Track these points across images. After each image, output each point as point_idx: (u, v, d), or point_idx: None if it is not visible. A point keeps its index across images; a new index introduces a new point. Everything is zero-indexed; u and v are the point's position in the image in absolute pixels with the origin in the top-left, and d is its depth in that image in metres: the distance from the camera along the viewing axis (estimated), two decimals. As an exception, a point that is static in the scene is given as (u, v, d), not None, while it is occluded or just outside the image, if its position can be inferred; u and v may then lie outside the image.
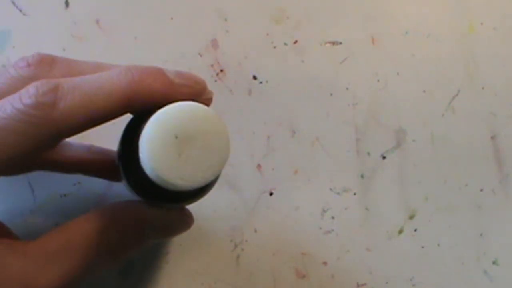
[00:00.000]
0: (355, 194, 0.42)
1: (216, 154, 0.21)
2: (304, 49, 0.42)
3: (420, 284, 0.41)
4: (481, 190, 0.42)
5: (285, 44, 0.42)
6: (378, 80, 0.42)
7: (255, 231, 0.41)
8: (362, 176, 0.42)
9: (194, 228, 0.33)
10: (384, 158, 0.42)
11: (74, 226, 0.28)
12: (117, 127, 0.28)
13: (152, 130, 0.21)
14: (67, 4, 0.42)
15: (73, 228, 0.27)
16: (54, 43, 0.42)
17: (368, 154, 0.42)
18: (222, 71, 0.42)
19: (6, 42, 0.42)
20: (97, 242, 0.27)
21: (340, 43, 0.42)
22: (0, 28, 0.42)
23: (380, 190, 0.42)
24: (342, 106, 0.42)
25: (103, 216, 0.28)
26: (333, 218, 0.41)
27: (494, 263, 0.41)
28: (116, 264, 0.29)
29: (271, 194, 0.41)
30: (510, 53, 0.43)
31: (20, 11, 0.42)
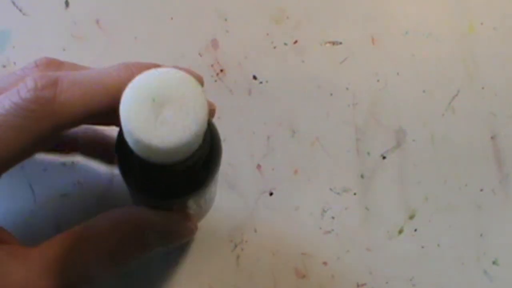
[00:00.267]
0: (355, 194, 0.42)
1: (192, 114, 0.22)
2: (304, 49, 0.42)
3: (420, 284, 0.41)
4: (481, 190, 0.42)
5: (285, 44, 0.42)
6: (378, 80, 0.42)
7: (255, 231, 0.41)
8: (362, 176, 0.42)
9: (194, 228, 0.33)
10: (384, 158, 0.42)
11: (75, 233, 0.27)
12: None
13: (129, 94, 0.22)
14: (67, 4, 0.42)
15: (73, 235, 0.27)
16: (54, 43, 0.42)
17: (368, 154, 0.42)
18: (222, 71, 0.42)
19: (6, 42, 0.42)
20: (97, 250, 0.27)
21: (340, 43, 0.42)
22: (0, 28, 0.42)
23: (380, 190, 0.42)
24: (342, 106, 0.42)
25: (103, 223, 0.27)
26: (333, 218, 0.41)
27: (494, 263, 0.41)
28: (117, 271, 0.28)
29: (271, 194, 0.41)
30: (510, 53, 0.43)
31: (20, 11, 0.42)
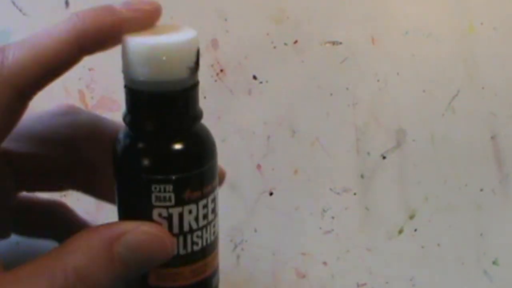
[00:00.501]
0: (355, 194, 0.42)
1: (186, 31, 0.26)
2: (304, 49, 0.42)
3: (420, 284, 0.41)
4: (481, 190, 0.42)
5: (285, 44, 0.42)
6: (378, 80, 0.42)
7: (255, 231, 0.41)
8: (362, 176, 0.42)
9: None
10: (384, 158, 0.42)
11: (47, 254, 0.27)
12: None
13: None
14: (67, 4, 0.42)
15: (44, 255, 0.27)
16: (54, 43, 0.42)
17: (368, 154, 0.42)
18: (222, 71, 0.42)
19: (6, 42, 0.42)
20: (64, 264, 0.26)
21: (340, 43, 0.42)
22: (0, 28, 0.42)
23: (380, 190, 0.42)
24: (342, 106, 0.42)
25: (72, 239, 0.26)
26: (333, 218, 0.41)
27: (494, 263, 0.41)
28: None
29: (271, 194, 0.41)
30: (510, 53, 0.43)
31: (20, 11, 0.42)
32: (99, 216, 0.37)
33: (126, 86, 0.27)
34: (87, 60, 0.27)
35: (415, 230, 0.42)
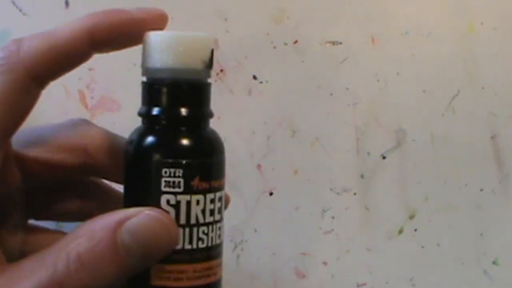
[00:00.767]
0: (355, 194, 0.42)
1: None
2: (304, 49, 0.42)
3: (420, 284, 0.41)
4: (481, 190, 0.42)
5: (285, 44, 0.42)
6: (378, 80, 0.42)
7: (255, 231, 0.41)
8: (362, 176, 0.42)
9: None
10: (384, 158, 0.42)
11: (53, 243, 0.27)
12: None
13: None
14: (67, 4, 0.42)
15: (45, 243, 0.27)
16: (54, 43, 0.42)
17: (368, 154, 0.42)
18: (222, 71, 0.42)
19: (6, 42, 0.42)
20: (67, 250, 0.26)
21: (340, 43, 0.42)
22: (0, 28, 0.42)
23: (380, 190, 0.42)
24: (342, 106, 0.42)
25: (78, 227, 0.27)
26: (333, 218, 0.41)
27: (494, 263, 0.41)
28: (96, 286, 0.26)
29: (271, 194, 0.41)
30: (510, 53, 0.43)
31: (20, 11, 0.42)
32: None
33: (143, 82, 0.29)
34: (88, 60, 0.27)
35: (415, 230, 0.42)
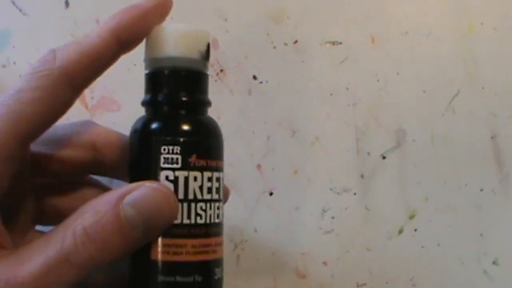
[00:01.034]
0: (355, 194, 0.42)
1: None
2: (304, 49, 0.42)
3: (420, 284, 0.41)
4: (481, 190, 0.42)
5: (285, 44, 0.42)
6: (378, 80, 0.42)
7: (255, 231, 0.41)
8: (362, 176, 0.42)
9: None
10: (384, 158, 0.42)
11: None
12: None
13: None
14: (67, 4, 0.42)
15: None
16: (54, 43, 0.41)
17: (368, 154, 0.42)
18: (222, 71, 0.42)
19: (6, 42, 0.42)
20: (73, 225, 0.27)
21: (340, 43, 0.42)
22: (0, 28, 0.42)
23: (380, 190, 0.42)
24: (342, 106, 0.42)
25: (83, 205, 0.28)
26: (333, 218, 0.41)
27: (494, 263, 0.41)
28: (102, 258, 0.27)
29: (271, 194, 0.41)
30: (510, 53, 0.43)
31: (20, 11, 0.42)
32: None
33: (146, 73, 0.31)
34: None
35: (415, 230, 0.42)
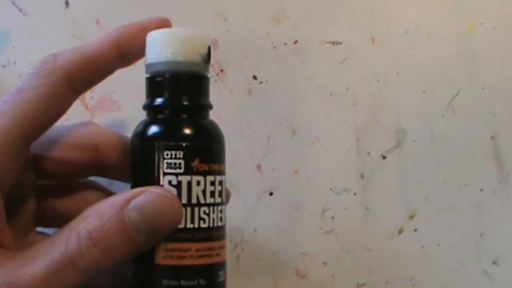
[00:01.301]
0: (355, 194, 0.42)
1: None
2: (304, 49, 0.42)
3: (420, 284, 0.41)
4: (481, 190, 0.42)
5: (285, 44, 0.42)
6: (378, 80, 0.42)
7: (255, 231, 0.41)
8: (362, 176, 0.42)
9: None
10: (384, 158, 0.42)
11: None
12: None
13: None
14: (67, 4, 0.42)
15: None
16: (54, 43, 0.42)
17: (368, 154, 0.42)
18: (222, 71, 0.42)
19: (6, 42, 0.42)
20: (78, 229, 0.27)
21: (340, 43, 0.42)
22: (0, 28, 0.42)
23: (380, 190, 0.42)
24: (342, 106, 0.42)
25: (86, 209, 0.28)
26: (333, 218, 0.41)
27: (494, 263, 0.41)
28: (106, 262, 0.27)
29: (271, 194, 0.41)
30: (510, 53, 0.43)
31: (20, 11, 0.42)
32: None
33: (146, 78, 0.31)
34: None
35: (415, 230, 0.42)
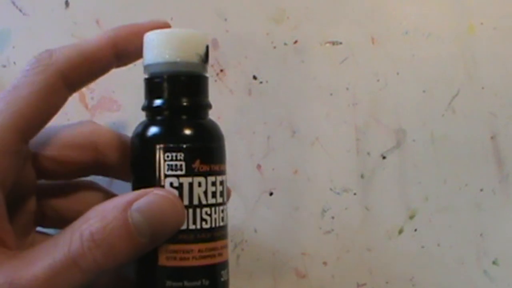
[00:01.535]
0: (355, 194, 0.42)
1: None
2: (304, 49, 0.42)
3: (420, 284, 0.41)
4: (481, 190, 0.42)
5: (285, 44, 0.42)
6: (378, 80, 0.42)
7: (255, 231, 0.41)
8: (362, 176, 0.42)
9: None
10: (384, 158, 0.42)
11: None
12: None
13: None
14: (67, 4, 0.42)
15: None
16: (54, 43, 0.41)
17: (368, 154, 0.42)
18: (222, 71, 0.42)
19: (6, 42, 0.42)
20: (80, 231, 0.27)
21: (340, 43, 0.42)
22: (0, 28, 0.42)
23: (380, 190, 0.42)
24: (342, 106, 0.42)
25: (89, 210, 0.28)
26: (333, 218, 0.41)
27: (494, 263, 0.41)
28: (109, 263, 0.27)
29: (271, 194, 0.41)
30: (510, 53, 0.43)
31: (20, 11, 0.42)
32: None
33: (145, 79, 0.31)
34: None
35: (415, 230, 0.42)
